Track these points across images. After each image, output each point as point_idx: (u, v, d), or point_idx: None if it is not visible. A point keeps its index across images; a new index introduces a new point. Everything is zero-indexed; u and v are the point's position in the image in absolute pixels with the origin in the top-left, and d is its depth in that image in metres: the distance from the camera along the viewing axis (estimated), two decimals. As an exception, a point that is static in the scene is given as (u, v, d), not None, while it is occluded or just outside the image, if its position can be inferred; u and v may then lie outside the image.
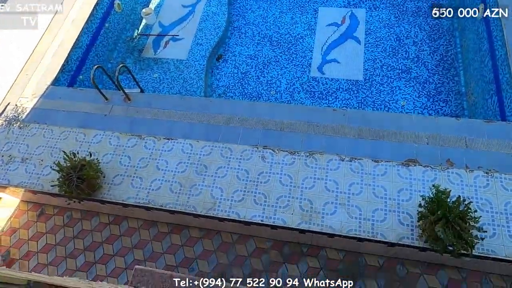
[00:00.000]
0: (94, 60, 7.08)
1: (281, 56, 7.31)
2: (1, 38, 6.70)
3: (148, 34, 7.92)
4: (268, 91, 6.87)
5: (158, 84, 7.13)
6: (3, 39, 6.68)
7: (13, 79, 5.98)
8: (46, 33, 6.58)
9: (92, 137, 5.13)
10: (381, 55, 6.97)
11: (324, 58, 7.11)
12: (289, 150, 4.59)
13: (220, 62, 7.45)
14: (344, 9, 7.80)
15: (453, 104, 6.25)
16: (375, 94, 6.51)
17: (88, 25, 6.83)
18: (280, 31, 7.70)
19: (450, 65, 6.69)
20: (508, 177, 4.07)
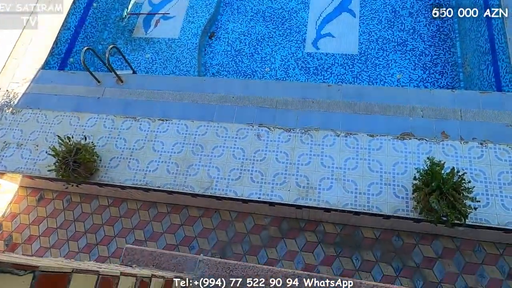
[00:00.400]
0: (84, 42, 6.94)
1: (275, 32, 7.16)
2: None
3: (138, 13, 7.72)
4: (263, 68, 6.78)
5: (151, 65, 7.02)
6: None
7: (1, 64, 5.86)
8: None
9: (86, 120, 5.10)
10: (377, 28, 6.84)
11: (318, 33, 6.98)
12: (285, 127, 4.59)
13: (213, 40, 7.31)
14: (339, -20, 7.58)
15: (449, 76, 6.20)
16: (370, 68, 6.44)
17: (75, 5, 6.64)
18: (273, 6, 7.52)
19: (447, 36, 6.59)
20: (502, 147, 4.10)
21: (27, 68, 5.79)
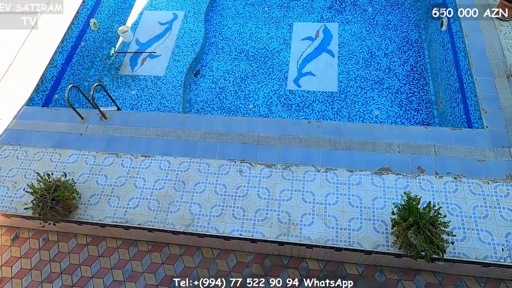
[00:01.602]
0: (70, 79, 7.04)
1: (258, 70, 7.44)
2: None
3: (125, 52, 7.93)
4: (246, 105, 6.97)
5: (136, 101, 7.13)
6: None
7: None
8: (20, 53, 6.51)
9: (67, 157, 5.07)
10: (355, 67, 7.20)
11: (300, 71, 7.29)
12: (266, 163, 4.66)
13: (198, 77, 7.52)
14: (318, 23, 8.06)
15: (424, 112, 6.49)
16: (350, 105, 6.70)
17: (63, 44, 6.79)
18: (256, 46, 7.87)
19: (420, 75, 6.97)
20: (475, 182, 4.24)
21: (10, 104, 5.80)
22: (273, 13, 8.40)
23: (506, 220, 3.98)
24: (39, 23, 6.91)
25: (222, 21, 8.47)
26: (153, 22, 8.40)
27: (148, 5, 8.83)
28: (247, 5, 8.68)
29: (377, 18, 7.94)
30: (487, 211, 4.05)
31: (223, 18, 8.52)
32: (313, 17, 8.18)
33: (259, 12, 8.47)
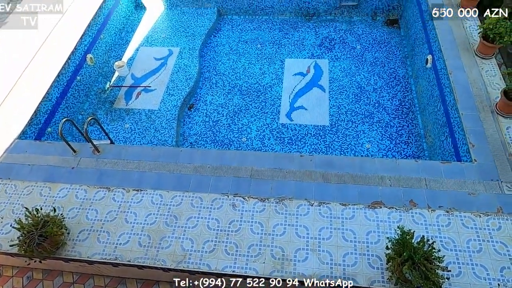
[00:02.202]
0: (64, 112, 7.08)
1: (251, 104, 7.59)
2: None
3: (120, 86, 8.07)
4: (239, 138, 7.04)
5: (130, 135, 7.15)
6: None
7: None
8: (16, 86, 6.57)
9: (57, 191, 4.99)
10: (345, 102, 7.40)
11: (292, 106, 7.46)
12: (259, 197, 4.64)
13: (192, 111, 7.63)
14: (309, 59, 8.36)
15: (413, 145, 6.62)
16: (341, 138, 6.81)
17: (59, 79, 6.89)
18: (249, 81, 8.08)
19: (408, 109, 7.18)
20: (467, 215, 4.27)
21: (2, 137, 5.77)
22: (265, 50, 8.71)
23: (500, 254, 3.97)
24: (36, 57, 7.04)
25: (216, 57, 8.73)
26: (148, 57, 8.63)
27: (144, 41, 9.10)
28: (240, 42, 9.01)
29: (365, 55, 8.28)
30: (480, 245, 4.05)
31: (217, 54, 8.79)
32: (304, 54, 8.50)
33: (252, 49, 8.78)
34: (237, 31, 9.32)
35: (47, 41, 7.38)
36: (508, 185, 4.48)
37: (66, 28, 7.66)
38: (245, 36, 9.14)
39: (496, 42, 5.62)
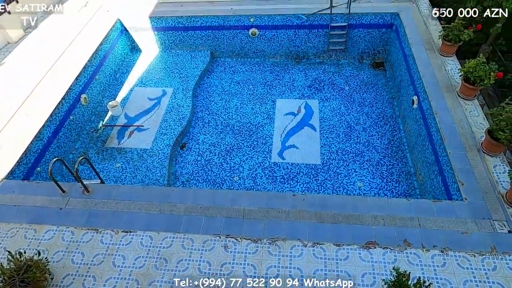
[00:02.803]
0: (55, 152, 7.03)
1: (243, 143, 7.67)
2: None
3: (113, 125, 8.11)
4: (231, 177, 7.02)
5: (121, 174, 7.08)
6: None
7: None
8: (8, 125, 6.56)
9: (43, 233, 4.83)
10: (336, 141, 7.53)
11: (283, 145, 7.55)
12: (252, 238, 4.55)
13: (184, 150, 7.65)
14: (299, 100, 8.60)
15: (404, 183, 6.67)
16: (333, 177, 6.84)
17: (52, 118, 6.92)
18: (241, 120, 8.21)
19: (398, 148, 7.32)
20: (461, 255, 4.22)
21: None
22: (257, 90, 8.96)
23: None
24: (31, 97, 7.11)
25: (209, 97, 8.93)
26: (142, 97, 8.78)
27: (139, 82, 9.31)
28: (232, 83, 9.27)
29: (353, 96, 8.56)
30: (477, 286, 3.97)
31: (210, 94, 9.00)
32: (294, 94, 8.75)
33: (244, 89, 9.03)
34: (229, 73, 9.63)
35: (42, 81, 7.49)
36: (500, 223, 4.50)
37: (62, 69, 7.83)
38: (237, 77, 9.43)
39: (477, 85, 5.89)
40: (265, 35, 9.48)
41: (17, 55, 8.38)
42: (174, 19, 9.45)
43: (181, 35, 9.80)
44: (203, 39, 9.77)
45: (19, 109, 6.87)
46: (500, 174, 5.04)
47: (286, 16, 9.04)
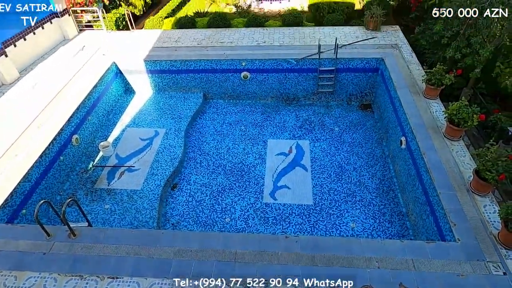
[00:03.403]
0: (43, 193, 6.87)
1: (235, 183, 7.63)
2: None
3: (104, 166, 8.04)
4: (223, 218, 6.90)
5: (109, 216, 6.91)
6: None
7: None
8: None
9: (24, 280, 4.58)
10: (327, 181, 7.55)
11: (275, 185, 7.53)
12: (244, 282, 4.39)
13: (175, 191, 7.56)
14: (291, 140, 8.73)
15: (397, 224, 6.63)
16: (325, 218, 6.78)
17: (42, 159, 6.85)
18: (233, 161, 8.24)
19: (389, 188, 7.36)
20: (459, 299, 4.12)
21: (-28, 221, 5.46)
22: (248, 131, 9.09)
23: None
24: (21, 138, 7.08)
25: (201, 137, 9.01)
26: (134, 138, 8.81)
27: (132, 122, 9.39)
28: (224, 124, 9.41)
29: (343, 136, 8.74)
30: (477, 333, 3.84)
31: (202, 135, 9.09)
32: (285, 135, 8.90)
33: (236, 130, 9.16)
34: (221, 114, 9.81)
35: (34, 122, 7.51)
36: (495, 265, 4.45)
37: (55, 110, 7.88)
38: (229, 119, 9.60)
39: (461, 126, 6.10)
40: (257, 78, 9.80)
41: (10, 97, 8.45)
42: (168, 62, 9.77)
43: (175, 78, 10.08)
44: (196, 81, 10.05)
45: (8, 150, 6.81)
46: (490, 214, 5.07)
47: (276, 60, 9.44)
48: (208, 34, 10.96)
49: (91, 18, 11.55)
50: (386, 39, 9.99)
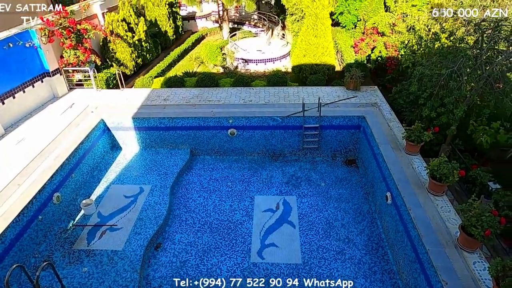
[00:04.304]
0: (16, 256, 6.47)
1: (221, 242, 7.40)
2: None
3: (84, 225, 7.73)
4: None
5: (86, 280, 6.47)
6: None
7: None
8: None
9: None
10: (315, 238, 7.41)
11: (263, 243, 7.33)
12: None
13: (159, 251, 7.25)
14: (277, 196, 8.69)
15: (388, 283, 6.43)
16: (315, 277, 6.53)
17: (19, 219, 6.56)
18: (219, 218, 8.07)
19: (378, 244, 7.25)
20: None
21: None
22: (235, 187, 9.05)
23: None
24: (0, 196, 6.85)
25: (187, 194, 8.89)
26: (118, 195, 8.61)
27: (116, 179, 9.25)
28: (211, 180, 9.37)
29: (330, 192, 8.77)
30: None
31: (188, 191, 8.98)
32: (272, 191, 8.88)
33: (223, 186, 9.10)
34: (208, 170, 9.81)
35: (16, 180, 7.32)
36: (491, 327, 4.29)
37: (38, 168, 7.74)
38: (216, 175, 9.59)
39: (443, 182, 6.25)
40: (243, 134, 10.02)
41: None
42: (157, 119, 9.96)
43: (163, 134, 10.20)
44: (183, 138, 10.19)
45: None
46: (481, 272, 5.01)
47: (262, 118, 9.74)
48: (197, 92, 11.37)
49: (82, 77, 11.91)
50: (366, 98, 10.55)
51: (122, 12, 14.62)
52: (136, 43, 15.00)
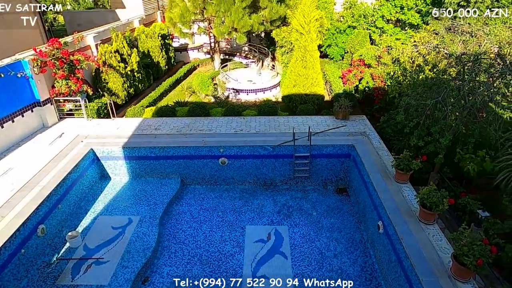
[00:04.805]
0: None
1: (212, 275, 7.18)
2: None
3: (69, 258, 7.44)
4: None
5: (69, 318, 6.16)
6: None
7: None
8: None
9: None
10: (308, 269, 7.26)
11: (254, 275, 7.14)
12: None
13: (146, 285, 6.98)
14: (269, 226, 8.57)
15: (384, 316, 6.26)
16: (309, 311, 6.33)
17: (0, 252, 6.29)
18: (210, 249, 7.88)
19: (371, 275, 7.13)
20: None
21: None
22: (226, 217, 8.91)
23: None
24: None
25: (177, 224, 8.71)
26: (106, 227, 8.38)
27: (104, 210, 9.03)
28: (202, 210, 9.23)
29: (321, 221, 8.70)
30: None
31: (178, 222, 8.80)
32: (264, 221, 8.76)
33: (213, 216, 8.96)
34: (199, 199, 9.69)
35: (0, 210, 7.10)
36: None
37: (24, 198, 7.54)
38: (206, 204, 9.46)
39: (433, 210, 6.28)
40: (234, 163, 10.01)
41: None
42: (147, 149, 9.91)
43: (153, 164, 10.12)
44: (174, 167, 10.12)
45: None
46: (475, 303, 4.94)
47: (253, 147, 9.79)
48: (188, 122, 11.43)
49: (73, 106, 11.91)
50: (355, 127, 10.75)
51: (116, 43, 14.90)
52: (128, 74, 15.19)
